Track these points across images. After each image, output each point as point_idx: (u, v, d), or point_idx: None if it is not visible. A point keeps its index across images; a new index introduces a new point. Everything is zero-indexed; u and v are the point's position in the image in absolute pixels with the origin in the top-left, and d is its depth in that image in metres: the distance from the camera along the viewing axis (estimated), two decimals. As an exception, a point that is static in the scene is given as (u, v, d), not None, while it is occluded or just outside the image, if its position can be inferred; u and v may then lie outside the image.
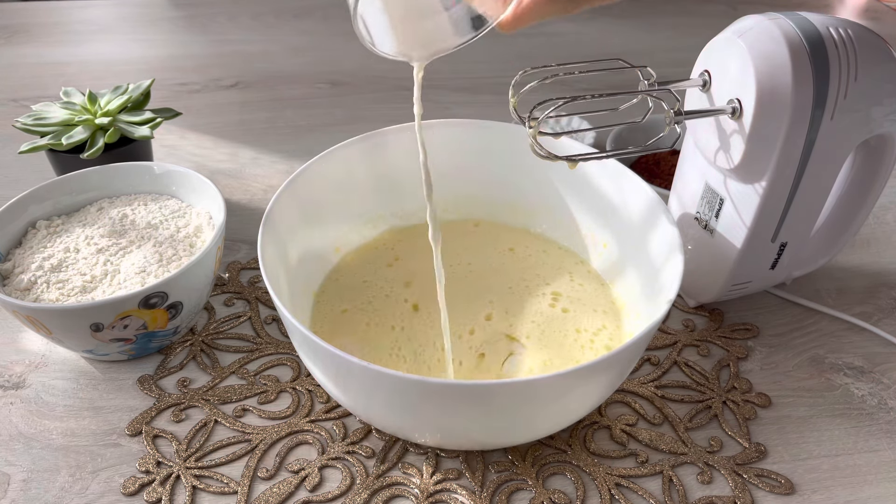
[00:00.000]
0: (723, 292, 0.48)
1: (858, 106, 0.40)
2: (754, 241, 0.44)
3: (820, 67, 0.38)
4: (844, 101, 0.39)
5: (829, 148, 0.41)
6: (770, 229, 0.44)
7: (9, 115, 0.74)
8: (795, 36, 0.38)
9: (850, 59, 0.39)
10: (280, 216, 0.44)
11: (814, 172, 0.41)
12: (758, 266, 0.47)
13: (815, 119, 0.39)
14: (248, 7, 1.02)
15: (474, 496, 0.39)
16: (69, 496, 0.40)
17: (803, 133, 0.39)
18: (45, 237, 0.48)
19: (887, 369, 0.48)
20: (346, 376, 0.37)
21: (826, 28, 0.39)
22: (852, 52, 0.39)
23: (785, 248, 0.46)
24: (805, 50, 0.38)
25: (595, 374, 0.36)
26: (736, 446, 0.43)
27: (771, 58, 0.38)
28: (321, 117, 0.76)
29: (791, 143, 0.39)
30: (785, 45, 0.38)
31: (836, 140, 0.41)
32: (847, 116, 0.40)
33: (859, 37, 0.40)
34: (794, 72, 0.38)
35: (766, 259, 0.46)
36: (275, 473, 0.41)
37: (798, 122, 0.39)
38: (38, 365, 0.47)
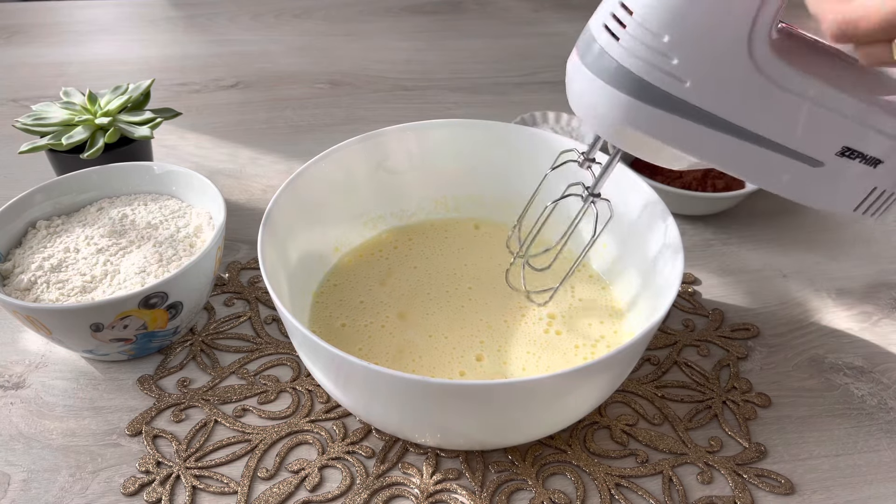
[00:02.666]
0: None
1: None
2: None
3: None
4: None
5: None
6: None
7: (9, 115, 0.74)
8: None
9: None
10: (280, 216, 0.44)
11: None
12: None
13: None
14: (248, 7, 1.02)
15: (474, 496, 0.39)
16: (69, 496, 0.40)
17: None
18: (45, 237, 0.48)
19: (887, 369, 0.48)
20: (346, 376, 0.37)
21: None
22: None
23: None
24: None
25: (595, 374, 0.36)
26: (736, 446, 0.43)
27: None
28: (321, 117, 0.76)
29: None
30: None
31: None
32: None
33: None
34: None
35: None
36: (275, 473, 0.41)
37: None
38: (38, 365, 0.47)
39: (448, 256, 0.52)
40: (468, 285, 0.50)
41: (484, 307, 0.48)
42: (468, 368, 0.44)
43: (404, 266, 0.51)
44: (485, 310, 0.48)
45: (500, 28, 0.97)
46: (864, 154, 0.35)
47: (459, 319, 0.47)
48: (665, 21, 0.32)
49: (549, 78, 0.83)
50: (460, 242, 0.53)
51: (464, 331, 0.46)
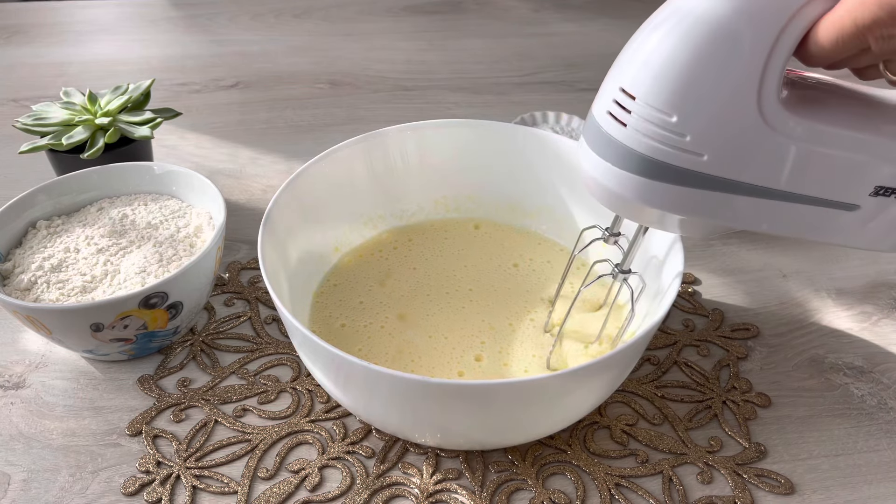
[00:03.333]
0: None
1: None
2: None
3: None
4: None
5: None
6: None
7: (9, 115, 0.74)
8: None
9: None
10: (280, 216, 0.44)
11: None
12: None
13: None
14: (248, 7, 1.02)
15: (474, 496, 0.39)
16: (69, 496, 0.40)
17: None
18: (46, 237, 0.48)
19: (887, 369, 0.48)
20: (346, 376, 0.37)
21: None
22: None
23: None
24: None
25: (595, 374, 0.36)
26: (736, 446, 0.43)
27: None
28: (321, 117, 0.76)
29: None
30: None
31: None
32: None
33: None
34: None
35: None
36: (275, 473, 0.41)
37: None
38: (38, 365, 0.47)
39: (448, 257, 0.52)
40: (468, 286, 0.50)
41: (484, 308, 0.48)
42: (468, 369, 0.44)
43: (404, 266, 0.51)
44: (485, 311, 0.48)
45: (500, 28, 0.97)
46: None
47: (460, 320, 0.47)
48: (671, 101, 0.31)
49: (549, 78, 0.83)
50: (460, 242, 0.53)
51: (464, 331, 0.46)
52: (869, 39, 0.29)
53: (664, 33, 0.32)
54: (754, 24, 0.31)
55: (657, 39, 0.32)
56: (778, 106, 0.32)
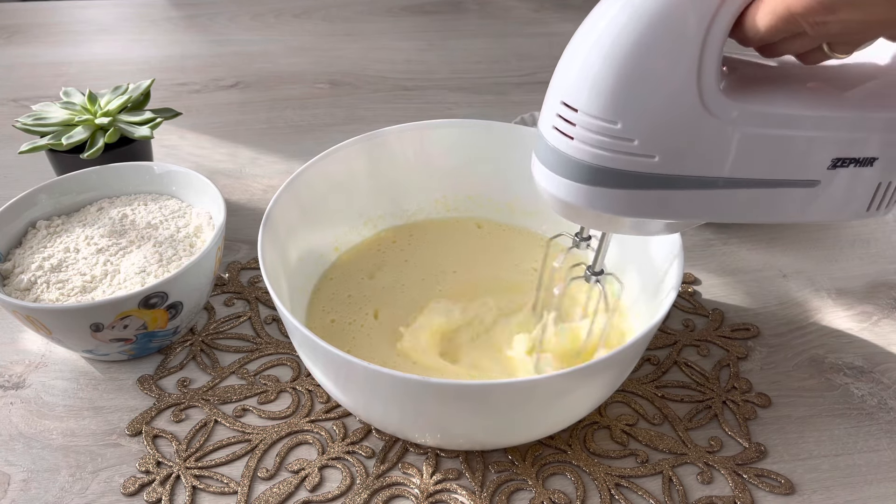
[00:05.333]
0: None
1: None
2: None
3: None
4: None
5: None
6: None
7: (9, 115, 0.74)
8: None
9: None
10: (280, 216, 0.44)
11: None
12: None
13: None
14: (248, 7, 1.02)
15: (474, 496, 0.39)
16: (69, 496, 0.40)
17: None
18: (45, 237, 0.48)
19: (887, 369, 0.48)
20: (346, 376, 0.37)
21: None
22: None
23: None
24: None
25: (595, 374, 0.36)
26: (736, 446, 0.43)
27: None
28: (321, 117, 0.76)
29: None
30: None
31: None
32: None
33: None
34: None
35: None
36: (275, 473, 0.41)
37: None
38: (38, 365, 0.47)
39: (448, 256, 0.52)
40: (468, 285, 0.50)
41: (484, 307, 0.48)
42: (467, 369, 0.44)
43: (404, 266, 0.51)
44: (485, 309, 0.48)
45: (500, 28, 0.97)
46: (857, 158, 0.34)
47: (460, 320, 0.47)
48: (612, 108, 0.31)
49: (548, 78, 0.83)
50: (460, 242, 0.53)
51: (463, 331, 0.46)
52: (803, 25, 0.29)
53: (595, 40, 0.31)
54: (684, 13, 0.30)
55: (589, 47, 0.31)
56: (720, 95, 0.31)
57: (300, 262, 0.48)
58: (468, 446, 0.41)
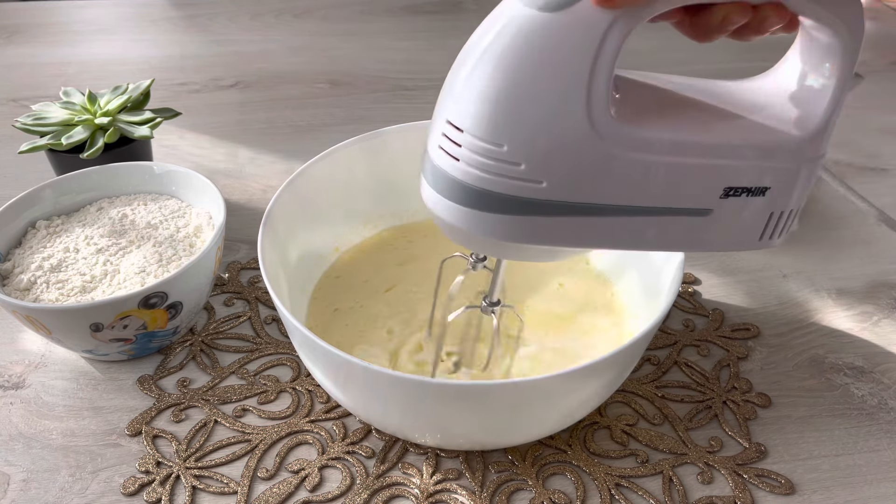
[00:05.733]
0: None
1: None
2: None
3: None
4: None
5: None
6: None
7: (9, 115, 0.74)
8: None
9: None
10: (280, 216, 0.44)
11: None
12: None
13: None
14: (248, 7, 1.02)
15: (474, 496, 0.39)
16: (69, 496, 0.39)
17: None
18: (45, 237, 0.48)
19: (887, 369, 0.48)
20: (346, 376, 0.37)
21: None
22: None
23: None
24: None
25: (595, 374, 0.36)
26: (736, 446, 0.43)
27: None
28: (321, 117, 0.76)
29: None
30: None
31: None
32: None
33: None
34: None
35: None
36: (275, 473, 0.41)
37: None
38: (37, 365, 0.47)
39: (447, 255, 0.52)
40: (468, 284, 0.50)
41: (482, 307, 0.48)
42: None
43: (404, 266, 0.51)
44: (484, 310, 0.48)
45: (500, 28, 0.97)
46: (749, 188, 0.33)
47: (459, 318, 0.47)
48: (498, 130, 0.29)
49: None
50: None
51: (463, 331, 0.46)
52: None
53: (480, 58, 0.29)
54: (573, 33, 0.28)
55: (474, 65, 0.29)
56: (610, 119, 0.29)
57: (300, 262, 0.48)
58: (468, 446, 0.41)
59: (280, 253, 0.44)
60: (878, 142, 0.72)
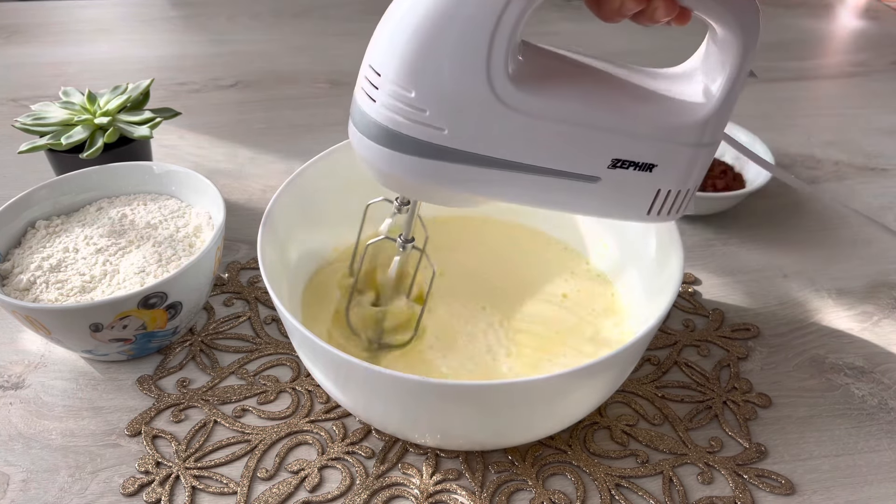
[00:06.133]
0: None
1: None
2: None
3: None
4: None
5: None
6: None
7: (8, 115, 0.74)
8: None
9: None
10: (280, 216, 0.44)
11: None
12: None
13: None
14: (248, 7, 1.02)
15: (474, 496, 0.39)
16: (69, 496, 0.39)
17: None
18: (45, 237, 0.48)
19: (887, 369, 0.48)
20: (345, 376, 0.37)
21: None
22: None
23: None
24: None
25: (595, 374, 0.36)
26: (736, 446, 0.42)
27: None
28: (320, 117, 0.76)
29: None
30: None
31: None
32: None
33: None
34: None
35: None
36: (274, 474, 0.41)
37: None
38: (37, 365, 0.47)
39: (448, 255, 0.52)
40: (468, 283, 0.50)
41: (483, 306, 0.48)
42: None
43: (404, 266, 0.51)
44: (484, 308, 0.48)
45: (500, 28, 0.97)
46: (636, 162, 0.36)
47: (459, 319, 0.47)
48: (408, 77, 0.32)
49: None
50: (460, 241, 0.53)
51: (463, 330, 0.46)
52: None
53: (399, 8, 0.33)
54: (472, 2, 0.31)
55: (396, 16, 0.33)
56: (507, 82, 0.32)
57: (300, 262, 0.48)
58: (468, 446, 0.41)
59: (280, 253, 0.44)
60: (878, 142, 0.72)
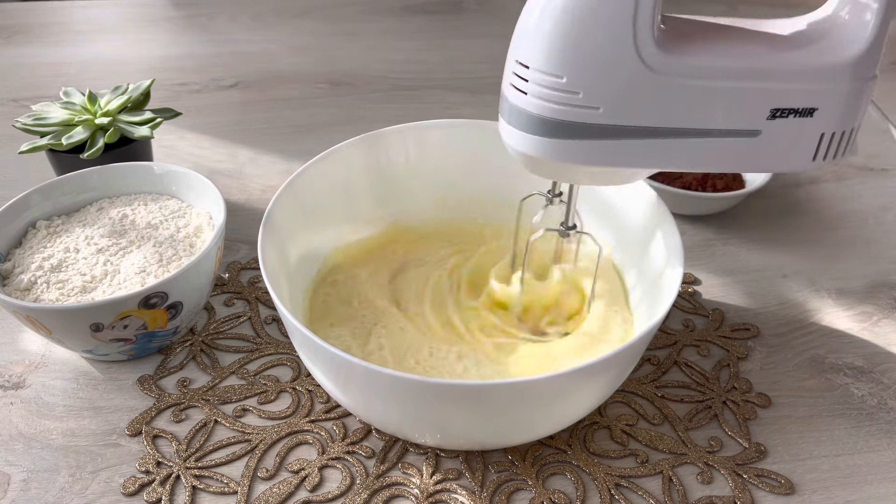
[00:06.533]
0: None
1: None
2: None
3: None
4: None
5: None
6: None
7: (9, 115, 0.74)
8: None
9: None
10: (280, 216, 0.44)
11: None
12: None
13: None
14: (248, 7, 1.02)
15: (474, 496, 0.39)
16: (69, 496, 0.40)
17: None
18: (45, 237, 0.48)
19: (887, 369, 0.48)
20: (346, 376, 0.37)
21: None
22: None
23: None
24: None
25: (595, 374, 0.36)
26: (736, 446, 0.43)
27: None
28: (321, 117, 0.76)
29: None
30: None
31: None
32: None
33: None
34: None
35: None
36: (275, 473, 0.41)
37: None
38: (37, 365, 0.47)
39: (448, 255, 0.52)
40: (468, 284, 0.50)
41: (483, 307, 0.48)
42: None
43: (404, 265, 0.51)
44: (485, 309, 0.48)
45: (500, 28, 0.97)
46: (796, 109, 0.36)
47: (459, 319, 0.47)
48: (558, 63, 0.33)
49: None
50: (460, 242, 0.53)
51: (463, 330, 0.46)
52: None
53: (539, 1, 0.34)
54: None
55: (536, 8, 0.34)
56: (654, 48, 0.33)
57: (300, 262, 0.48)
58: (468, 446, 0.41)
59: (280, 253, 0.44)
60: (878, 142, 0.72)
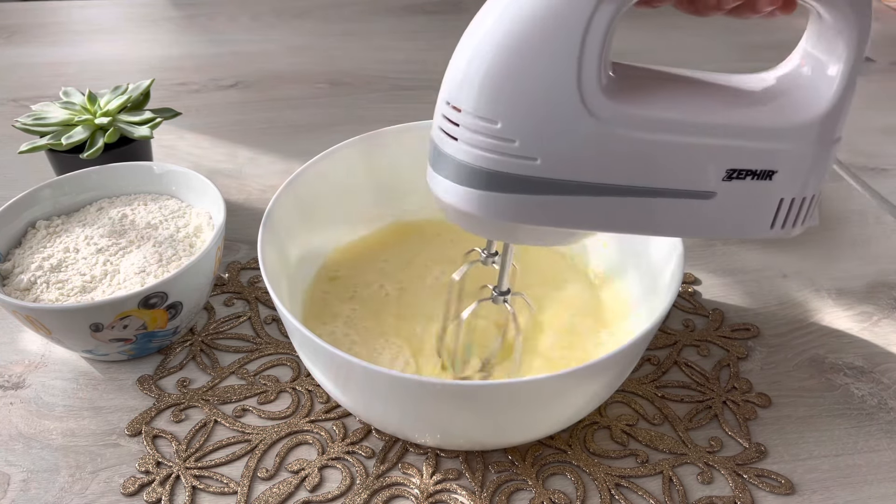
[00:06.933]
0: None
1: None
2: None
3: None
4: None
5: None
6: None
7: (9, 115, 0.74)
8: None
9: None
10: (280, 216, 0.44)
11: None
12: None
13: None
14: (248, 7, 1.02)
15: (474, 496, 0.39)
16: (69, 496, 0.39)
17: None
18: (45, 237, 0.48)
19: (887, 369, 0.48)
20: (346, 376, 0.37)
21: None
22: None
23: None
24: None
25: (595, 374, 0.36)
26: (736, 446, 0.43)
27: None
28: (320, 117, 0.76)
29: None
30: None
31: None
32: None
33: None
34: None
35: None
36: (275, 473, 0.41)
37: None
38: (37, 365, 0.47)
39: (448, 256, 0.52)
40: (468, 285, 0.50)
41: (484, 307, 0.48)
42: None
43: (404, 265, 0.51)
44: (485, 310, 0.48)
45: (500, 28, 0.97)
46: (753, 170, 0.32)
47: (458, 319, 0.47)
48: (492, 107, 0.30)
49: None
50: (460, 242, 0.53)
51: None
52: None
53: (477, 39, 0.30)
54: (562, 12, 0.29)
55: (471, 46, 0.31)
56: (601, 95, 0.29)
57: (300, 262, 0.48)
58: (468, 446, 0.41)
59: (280, 253, 0.44)
60: (878, 142, 0.72)
